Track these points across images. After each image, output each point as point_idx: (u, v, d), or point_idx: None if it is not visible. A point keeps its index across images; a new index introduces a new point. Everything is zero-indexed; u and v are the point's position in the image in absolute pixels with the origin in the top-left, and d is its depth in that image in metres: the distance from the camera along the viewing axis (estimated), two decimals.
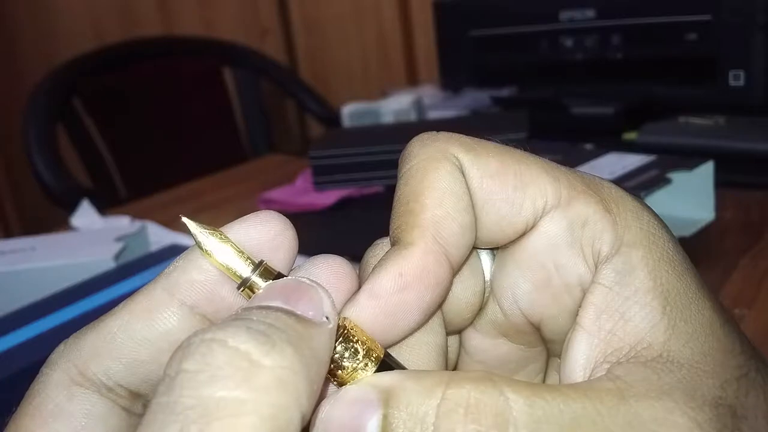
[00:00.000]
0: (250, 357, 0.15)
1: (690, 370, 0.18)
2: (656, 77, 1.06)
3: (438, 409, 0.17)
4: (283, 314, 0.17)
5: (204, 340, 0.16)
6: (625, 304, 0.19)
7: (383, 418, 0.17)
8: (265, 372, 0.15)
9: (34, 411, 0.19)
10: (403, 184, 0.21)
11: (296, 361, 0.16)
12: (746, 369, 0.19)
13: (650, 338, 0.19)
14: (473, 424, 0.17)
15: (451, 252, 0.20)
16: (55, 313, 0.48)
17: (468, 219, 0.21)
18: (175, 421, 0.14)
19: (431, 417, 0.17)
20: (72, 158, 1.36)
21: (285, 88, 1.60)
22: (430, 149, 0.21)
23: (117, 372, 0.20)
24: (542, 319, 0.22)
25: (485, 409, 0.17)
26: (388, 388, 0.18)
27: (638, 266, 0.20)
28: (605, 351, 0.19)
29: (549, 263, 0.21)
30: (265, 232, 0.20)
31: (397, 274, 0.20)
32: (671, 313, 0.19)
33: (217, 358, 0.15)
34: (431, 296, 0.20)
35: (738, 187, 0.71)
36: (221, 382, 0.15)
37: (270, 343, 0.16)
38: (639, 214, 0.21)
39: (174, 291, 0.20)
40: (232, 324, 0.16)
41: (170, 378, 0.15)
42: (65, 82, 1.33)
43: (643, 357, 0.19)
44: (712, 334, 0.19)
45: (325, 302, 0.18)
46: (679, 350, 0.19)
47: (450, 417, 0.17)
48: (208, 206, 0.89)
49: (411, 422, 0.17)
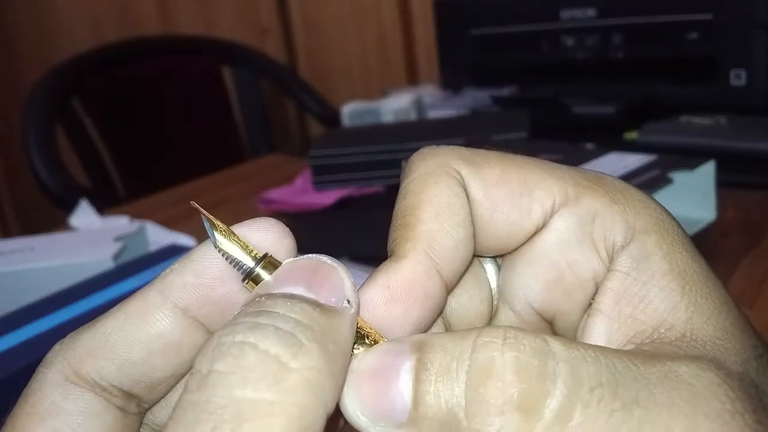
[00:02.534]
0: (279, 360, 0.16)
1: (713, 346, 0.18)
2: (657, 77, 1.06)
3: (475, 343, 0.17)
4: (308, 306, 0.17)
5: (235, 343, 0.16)
6: (644, 288, 0.20)
7: (417, 361, 0.17)
8: (293, 374, 0.16)
9: (30, 409, 0.19)
10: (401, 199, 0.21)
11: (322, 360, 0.16)
12: (761, 350, 0.19)
13: (672, 319, 0.19)
14: (512, 351, 0.17)
15: (443, 266, 0.20)
16: (54, 313, 0.48)
17: (464, 233, 0.21)
18: (208, 420, 0.15)
19: (468, 351, 0.17)
20: (71, 158, 1.36)
21: (285, 88, 1.60)
22: (429, 163, 0.21)
23: (110, 372, 0.20)
24: (555, 316, 0.22)
25: (524, 341, 0.17)
26: (421, 339, 0.18)
27: (653, 251, 0.20)
28: (627, 334, 0.19)
29: (561, 261, 0.21)
30: (264, 238, 0.20)
31: (385, 286, 0.20)
32: (690, 291, 0.19)
33: (249, 360, 0.16)
34: (421, 310, 0.20)
35: (739, 186, 0.71)
36: (252, 384, 0.16)
37: (297, 344, 0.16)
38: (646, 202, 0.21)
39: (168, 293, 0.20)
40: (261, 324, 0.17)
41: (201, 376, 0.16)
42: (64, 81, 1.32)
43: (666, 338, 0.19)
44: (729, 312, 0.19)
45: (346, 285, 0.18)
46: (702, 327, 0.19)
47: (488, 346, 0.17)
48: (208, 206, 0.88)
49: (446, 359, 0.17)
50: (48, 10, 1.95)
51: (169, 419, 0.16)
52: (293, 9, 1.76)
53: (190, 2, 1.86)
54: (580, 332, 0.21)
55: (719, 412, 0.16)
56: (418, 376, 0.17)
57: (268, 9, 1.79)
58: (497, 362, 0.17)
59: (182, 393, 0.16)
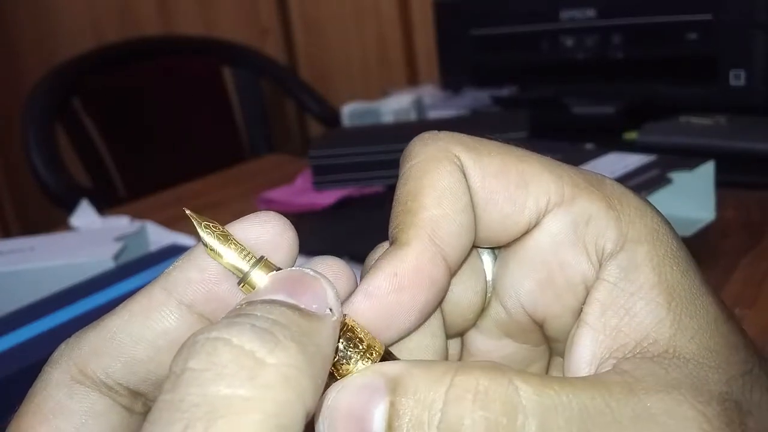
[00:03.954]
0: (254, 355, 0.15)
1: (696, 365, 0.18)
2: (657, 77, 1.06)
3: (446, 395, 0.17)
4: (287, 309, 0.17)
5: (209, 339, 0.16)
6: (630, 300, 0.19)
7: (390, 405, 0.17)
8: (269, 370, 0.15)
9: (35, 408, 0.19)
10: (403, 184, 0.21)
11: (300, 359, 0.16)
12: (750, 365, 0.19)
13: (656, 334, 0.19)
14: (482, 410, 0.17)
15: (447, 252, 0.20)
16: (55, 313, 0.48)
17: (467, 219, 0.21)
18: (181, 419, 0.15)
19: (439, 403, 0.17)
20: (71, 158, 1.36)
21: (285, 88, 1.60)
22: (430, 149, 0.21)
23: (116, 371, 0.20)
24: (546, 318, 0.22)
25: (494, 396, 0.17)
26: (396, 376, 0.18)
27: (643, 262, 0.20)
28: (611, 347, 0.19)
29: (552, 261, 0.21)
30: (265, 232, 0.20)
31: (392, 274, 0.20)
32: (676, 308, 0.19)
33: (222, 356, 0.15)
34: (426, 296, 0.20)
35: (739, 186, 0.71)
36: (226, 381, 0.15)
37: (274, 340, 0.16)
38: (643, 211, 0.21)
39: (172, 290, 0.20)
40: (237, 322, 0.16)
41: (176, 375, 0.16)
42: (65, 81, 1.32)
43: (649, 353, 0.18)
44: (716, 330, 0.19)
45: (328, 294, 0.18)
46: (685, 346, 0.19)
47: (458, 403, 0.17)
48: (208, 206, 0.89)
49: (418, 409, 0.17)
50: (48, 10, 1.95)
51: (145, 421, 0.15)
52: (293, 9, 1.76)
53: (190, 2, 1.86)
54: (569, 341, 0.21)
55: None
56: (391, 424, 0.17)
57: (268, 9, 1.79)
58: (467, 422, 0.17)
59: (159, 394, 0.16)
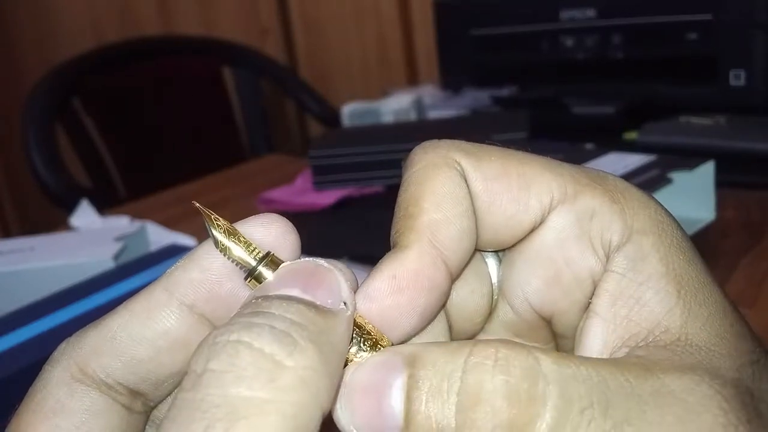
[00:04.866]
0: (274, 358, 0.16)
1: (708, 352, 0.18)
2: (657, 77, 1.06)
3: (465, 363, 0.17)
4: (304, 307, 0.17)
5: (230, 342, 0.16)
6: (639, 290, 0.20)
7: (409, 378, 0.17)
8: (288, 373, 0.16)
9: (35, 407, 0.19)
10: (404, 190, 0.21)
11: (317, 359, 0.16)
12: (757, 356, 0.19)
13: (667, 322, 0.19)
14: (502, 374, 0.17)
15: (448, 255, 0.20)
16: (55, 313, 0.48)
17: (467, 223, 0.21)
18: (202, 419, 0.15)
19: (458, 372, 0.17)
20: (71, 158, 1.36)
21: (285, 88, 1.60)
22: (431, 156, 0.21)
23: (116, 370, 0.20)
24: (554, 314, 0.22)
25: (515, 362, 0.17)
26: (413, 352, 0.18)
27: (650, 252, 0.20)
28: (622, 336, 0.19)
29: (559, 258, 0.21)
30: (267, 233, 0.20)
31: (391, 277, 0.20)
32: (686, 296, 0.19)
33: (243, 359, 0.16)
34: (426, 299, 0.20)
35: (739, 186, 0.71)
36: (247, 383, 0.16)
37: (293, 343, 0.16)
38: (646, 203, 0.21)
39: (174, 290, 0.20)
40: (256, 323, 0.17)
41: (196, 375, 0.16)
42: (64, 81, 1.32)
43: (661, 341, 0.19)
44: (725, 318, 0.19)
45: (342, 287, 0.18)
46: (697, 333, 0.19)
47: (478, 369, 0.17)
48: (208, 206, 0.88)
49: (437, 378, 0.17)
50: (48, 10, 1.95)
51: (164, 418, 0.16)
52: (293, 9, 1.76)
53: (190, 2, 1.86)
54: (578, 334, 0.21)
55: (711, 426, 0.17)
56: (410, 395, 0.17)
57: (268, 9, 1.79)
58: (487, 386, 0.17)
59: (178, 392, 0.16)
